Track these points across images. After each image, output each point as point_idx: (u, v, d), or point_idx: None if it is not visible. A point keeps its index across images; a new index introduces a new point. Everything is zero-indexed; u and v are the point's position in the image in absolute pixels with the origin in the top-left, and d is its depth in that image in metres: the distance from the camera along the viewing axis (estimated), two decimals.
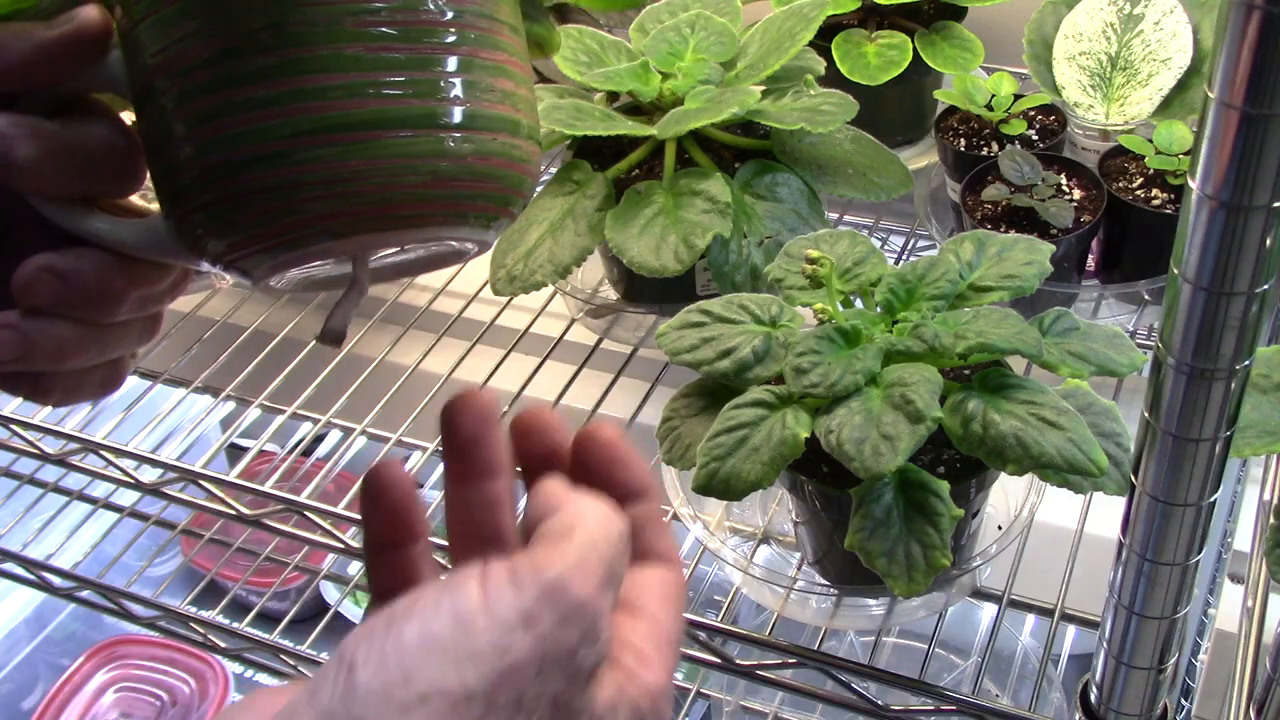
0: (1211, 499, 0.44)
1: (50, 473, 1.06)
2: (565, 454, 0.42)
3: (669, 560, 0.40)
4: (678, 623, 0.39)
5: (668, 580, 0.40)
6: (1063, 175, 0.82)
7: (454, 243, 0.41)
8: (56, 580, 0.95)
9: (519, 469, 0.42)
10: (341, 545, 0.75)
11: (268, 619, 1.16)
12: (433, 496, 1.26)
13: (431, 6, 0.38)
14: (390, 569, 0.41)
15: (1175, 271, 0.39)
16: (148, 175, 0.40)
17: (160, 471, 0.80)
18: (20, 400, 0.90)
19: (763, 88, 0.78)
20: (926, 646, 0.66)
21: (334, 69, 0.37)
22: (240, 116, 0.37)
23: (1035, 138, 0.88)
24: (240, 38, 0.37)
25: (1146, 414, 0.43)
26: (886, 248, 0.98)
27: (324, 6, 0.37)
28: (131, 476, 0.81)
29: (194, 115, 0.37)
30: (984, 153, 0.86)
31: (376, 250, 0.41)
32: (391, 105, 0.37)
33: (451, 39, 0.38)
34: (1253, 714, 0.57)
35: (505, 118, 0.39)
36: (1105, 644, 0.51)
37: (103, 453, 0.82)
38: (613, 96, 0.86)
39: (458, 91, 0.38)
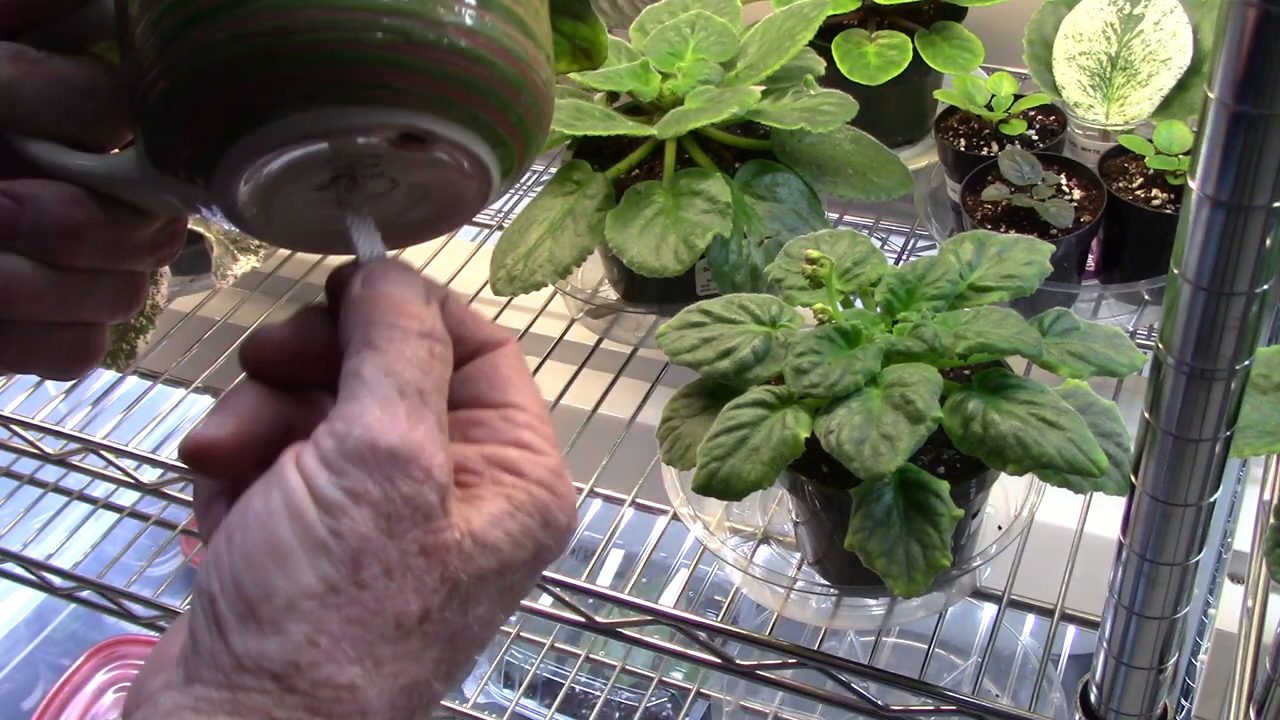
0: (1211, 499, 0.44)
1: (50, 473, 1.06)
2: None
3: (500, 340, 0.38)
4: (538, 394, 0.37)
5: (509, 358, 0.37)
6: (1063, 175, 0.82)
7: (445, 157, 0.36)
8: (56, 580, 0.95)
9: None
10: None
11: None
12: None
13: None
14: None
15: (1175, 271, 0.39)
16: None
17: (160, 471, 0.80)
18: (21, 400, 0.90)
19: (763, 88, 0.78)
20: (926, 646, 0.66)
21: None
22: (204, 17, 0.34)
23: (1035, 138, 0.88)
24: None
25: (1146, 414, 0.43)
26: (886, 248, 0.98)
27: None
28: (131, 476, 0.81)
29: (160, 5, 0.35)
30: (984, 153, 0.86)
31: (350, 139, 0.36)
32: (356, 40, 0.33)
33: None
34: (1253, 714, 0.57)
35: (503, 3, 0.35)
36: (1105, 644, 0.51)
37: (103, 453, 0.82)
38: (613, 96, 0.86)
39: (452, 47, 0.34)
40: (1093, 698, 0.53)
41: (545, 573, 0.69)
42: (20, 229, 0.37)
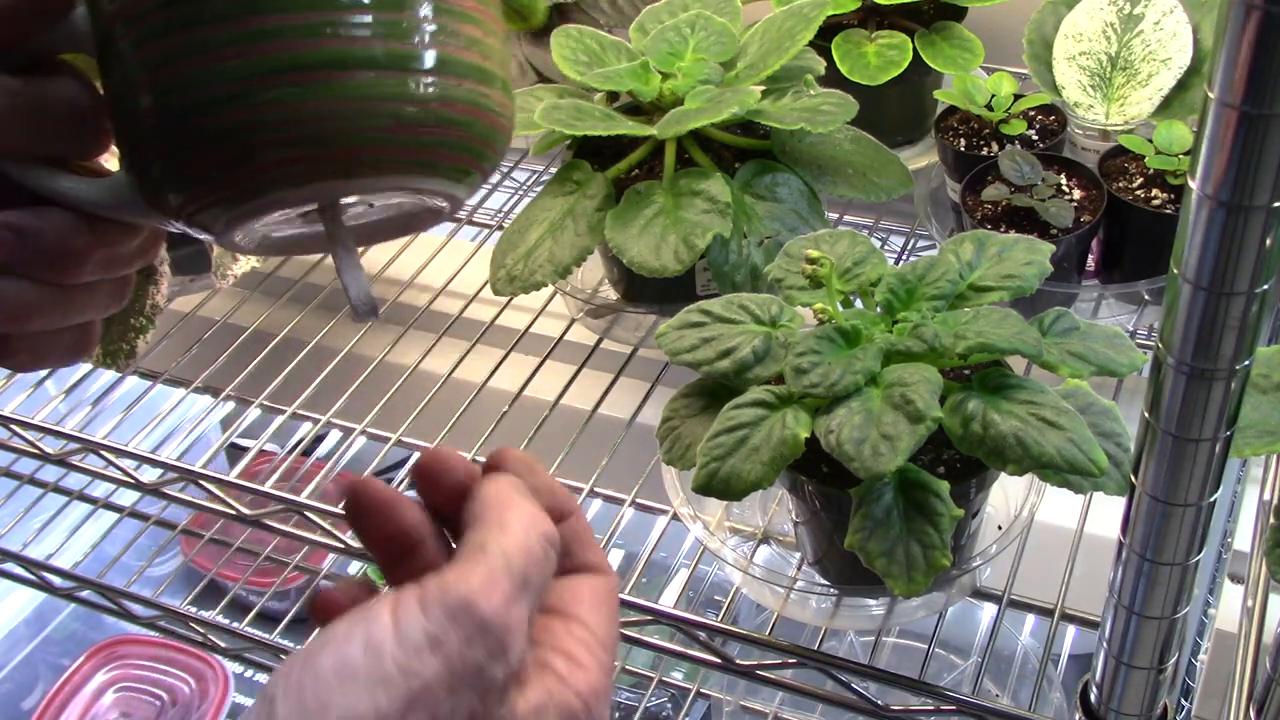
0: (1211, 499, 0.44)
1: (50, 473, 1.06)
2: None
3: (600, 569, 0.41)
4: (611, 625, 0.40)
5: (598, 586, 0.41)
6: (1063, 175, 0.82)
7: (424, 197, 0.40)
8: (56, 580, 0.95)
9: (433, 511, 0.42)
10: (341, 545, 0.75)
11: (268, 619, 1.16)
12: None
13: None
14: (407, 576, 0.41)
15: (1175, 271, 0.39)
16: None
17: (160, 471, 0.80)
18: (21, 400, 0.90)
19: (763, 88, 0.78)
20: (926, 646, 0.66)
21: (291, 8, 0.35)
22: (197, 58, 0.35)
23: (1035, 138, 0.88)
24: None
25: (1146, 414, 0.43)
26: (886, 248, 0.98)
27: None
28: (131, 476, 0.81)
29: (151, 59, 0.36)
30: (984, 153, 0.86)
31: (338, 200, 0.39)
32: (351, 46, 0.36)
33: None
34: (1253, 714, 0.57)
35: (472, 64, 0.38)
36: (1105, 644, 0.51)
37: (103, 453, 0.82)
38: (613, 96, 0.86)
39: (421, 33, 0.37)
40: (1093, 698, 0.53)
41: None
42: (22, 259, 0.38)
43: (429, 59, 0.37)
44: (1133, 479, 0.45)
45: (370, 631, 0.34)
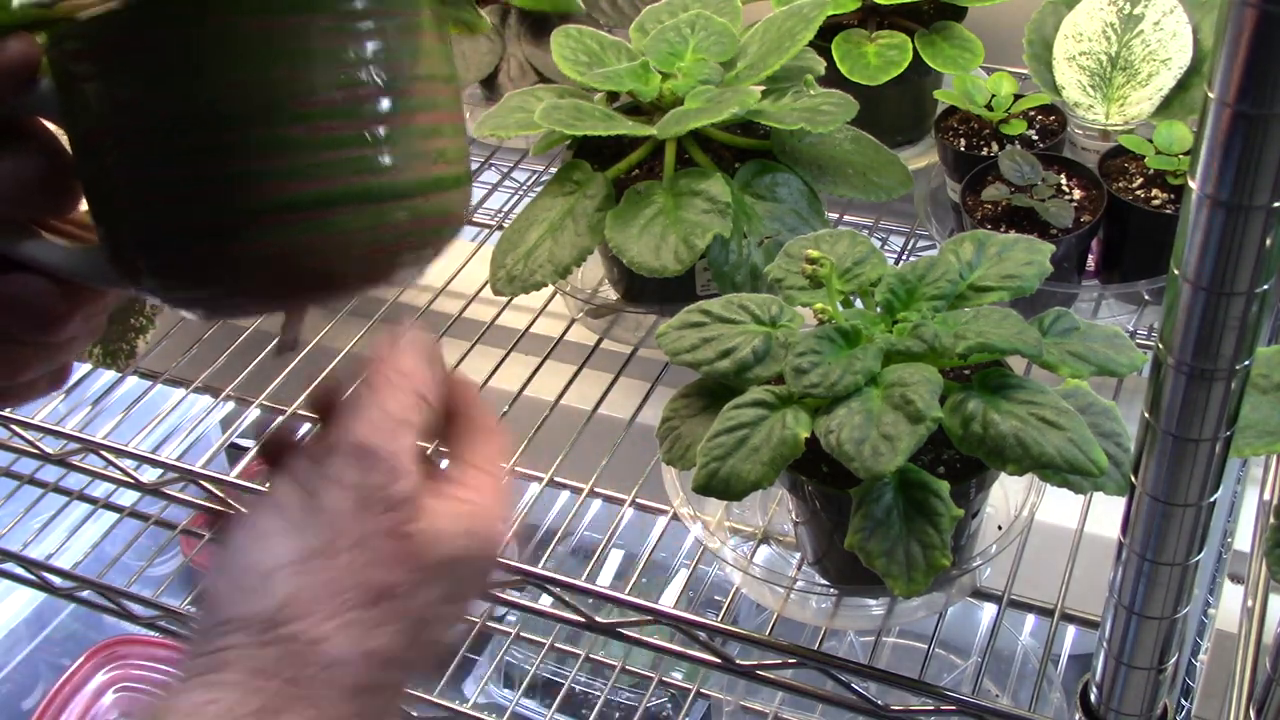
0: (1211, 499, 0.44)
1: (50, 473, 1.06)
2: None
3: (484, 426, 0.45)
4: (495, 455, 0.44)
5: (481, 428, 0.44)
6: (1063, 175, 0.82)
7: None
8: (56, 580, 0.95)
9: None
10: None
11: None
12: None
13: (368, 79, 0.37)
14: None
15: (1175, 271, 0.39)
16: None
17: (160, 471, 0.80)
18: None
19: (763, 88, 0.78)
20: (926, 646, 0.66)
21: (275, 150, 0.36)
22: (180, 192, 0.36)
23: (1035, 138, 0.88)
24: (179, 114, 0.36)
25: (1146, 414, 0.43)
26: (886, 248, 0.98)
27: (266, 87, 0.36)
28: (131, 476, 0.81)
29: (132, 183, 0.37)
30: (984, 153, 0.86)
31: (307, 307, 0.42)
32: (331, 185, 0.37)
33: (385, 111, 0.38)
34: (1253, 714, 0.57)
35: (440, 177, 0.40)
36: (1105, 644, 0.51)
37: (103, 453, 0.82)
38: (613, 96, 0.86)
39: (392, 162, 0.38)
40: (1093, 698, 0.53)
41: (545, 572, 0.69)
42: (10, 327, 0.40)
43: (404, 186, 0.38)
44: (1133, 479, 0.45)
45: (275, 498, 0.38)
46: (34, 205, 0.40)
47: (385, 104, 0.38)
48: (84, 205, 0.42)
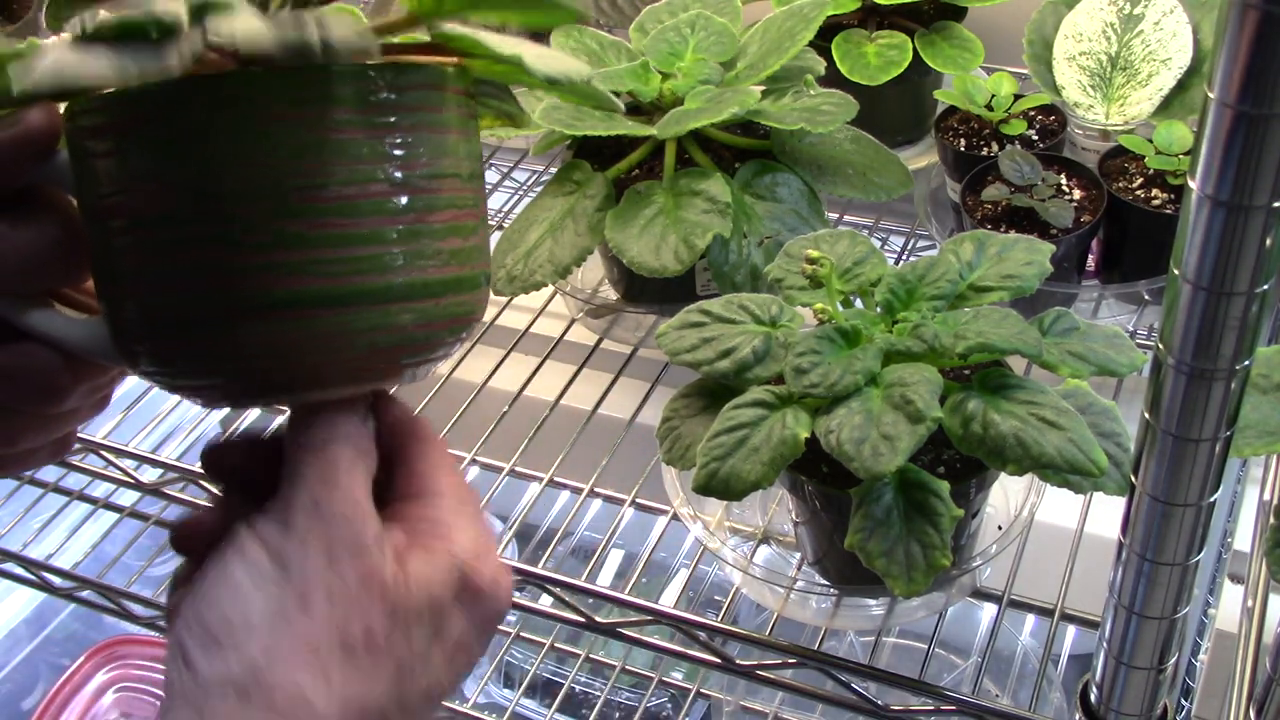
0: (1211, 499, 0.44)
1: (50, 473, 1.06)
2: None
3: (421, 435, 0.43)
4: (463, 487, 0.42)
5: (427, 453, 0.42)
6: (1063, 175, 0.82)
7: None
8: (56, 580, 0.95)
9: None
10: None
11: None
12: None
13: (381, 176, 0.36)
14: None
15: (1175, 271, 0.39)
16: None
17: (160, 471, 0.80)
18: None
19: (763, 88, 0.78)
20: (926, 646, 0.66)
21: (277, 246, 0.35)
22: (181, 281, 0.36)
23: (1035, 138, 0.88)
24: (183, 205, 0.35)
25: (1146, 414, 0.43)
26: (886, 248, 0.98)
27: (277, 179, 0.35)
28: (132, 476, 0.81)
29: (137, 265, 0.37)
30: (984, 153, 0.86)
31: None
32: (333, 284, 0.36)
33: (399, 209, 0.37)
34: (1253, 714, 0.57)
35: (451, 279, 0.38)
36: (1105, 644, 0.51)
37: (103, 453, 0.82)
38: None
39: (402, 263, 0.37)
40: (1093, 698, 0.53)
41: (545, 572, 0.69)
42: (13, 399, 0.40)
43: (409, 287, 0.37)
44: (1133, 479, 0.45)
45: (243, 554, 0.37)
46: (47, 275, 0.40)
47: (400, 202, 0.37)
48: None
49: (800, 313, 0.64)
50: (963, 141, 0.88)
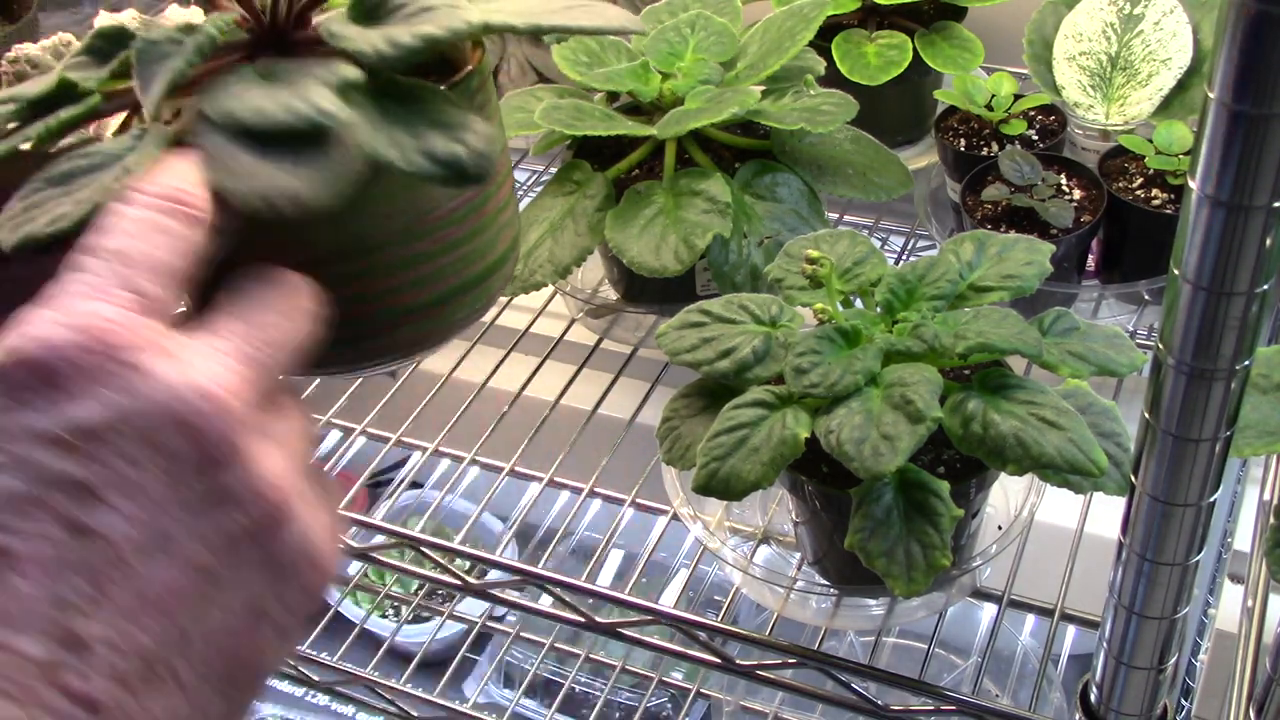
0: (1211, 499, 0.44)
1: None
2: None
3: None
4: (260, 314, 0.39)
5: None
6: (1063, 175, 0.82)
7: None
8: None
9: None
10: (341, 545, 0.75)
11: None
12: (431, 496, 1.26)
13: (478, 199, 0.46)
14: None
15: (1175, 271, 0.39)
16: None
17: None
18: None
19: (763, 88, 0.78)
20: (926, 646, 0.66)
21: (405, 265, 0.45)
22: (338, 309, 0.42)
23: (1035, 138, 0.88)
24: (333, 245, 0.43)
25: (1146, 414, 0.43)
26: (886, 248, 0.98)
27: (403, 212, 0.44)
28: None
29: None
30: (984, 153, 0.86)
31: None
32: (446, 284, 0.46)
33: (490, 218, 0.47)
34: (1253, 714, 0.57)
35: (506, 257, 0.50)
36: (1105, 644, 0.51)
37: None
38: (613, 96, 0.86)
39: (489, 259, 0.48)
40: (1093, 698, 0.53)
41: (545, 572, 0.69)
42: None
43: (495, 264, 0.49)
44: (1133, 479, 0.45)
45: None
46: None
47: (488, 215, 0.47)
48: None
49: (800, 313, 0.64)
50: (963, 141, 0.88)
